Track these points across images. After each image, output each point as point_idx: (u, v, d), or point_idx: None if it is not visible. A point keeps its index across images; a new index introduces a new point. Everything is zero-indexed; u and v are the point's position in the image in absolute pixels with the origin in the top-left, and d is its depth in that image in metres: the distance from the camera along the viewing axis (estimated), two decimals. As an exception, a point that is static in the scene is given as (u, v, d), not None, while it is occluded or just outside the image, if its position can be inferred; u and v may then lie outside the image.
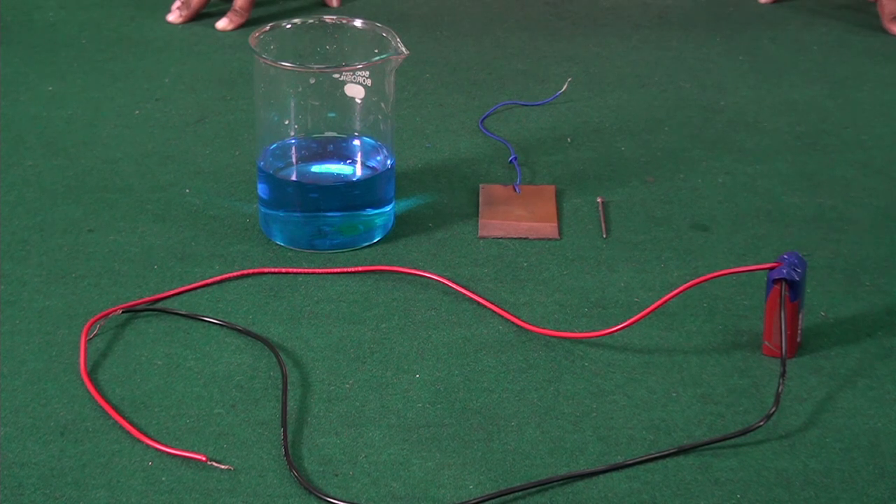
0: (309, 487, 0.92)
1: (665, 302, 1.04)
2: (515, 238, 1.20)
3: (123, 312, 1.09)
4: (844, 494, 0.92)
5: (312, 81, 1.16)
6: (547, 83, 1.47)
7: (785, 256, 1.04)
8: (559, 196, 1.26)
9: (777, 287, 1.03)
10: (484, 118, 1.40)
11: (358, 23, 1.19)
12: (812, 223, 1.23)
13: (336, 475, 0.94)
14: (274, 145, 1.19)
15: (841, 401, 1.01)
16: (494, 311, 1.10)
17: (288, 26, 1.19)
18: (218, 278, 1.14)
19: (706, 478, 0.94)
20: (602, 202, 1.25)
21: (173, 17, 1.60)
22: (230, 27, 1.57)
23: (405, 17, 1.40)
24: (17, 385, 1.02)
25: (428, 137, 1.36)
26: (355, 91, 1.16)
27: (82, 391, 1.01)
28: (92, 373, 1.03)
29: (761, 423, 0.97)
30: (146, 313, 1.10)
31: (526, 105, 1.43)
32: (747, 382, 1.03)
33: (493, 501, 0.92)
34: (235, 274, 1.14)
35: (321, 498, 0.92)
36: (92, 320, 1.07)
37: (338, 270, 1.15)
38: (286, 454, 0.95)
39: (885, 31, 1.61)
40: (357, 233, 1.18)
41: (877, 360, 1.05)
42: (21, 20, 1.62)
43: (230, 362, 1.04)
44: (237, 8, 1.58)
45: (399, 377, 1.03)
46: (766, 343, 1.05)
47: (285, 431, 0.97)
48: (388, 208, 1.20)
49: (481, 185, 1.27)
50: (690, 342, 1.07)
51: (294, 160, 1.20)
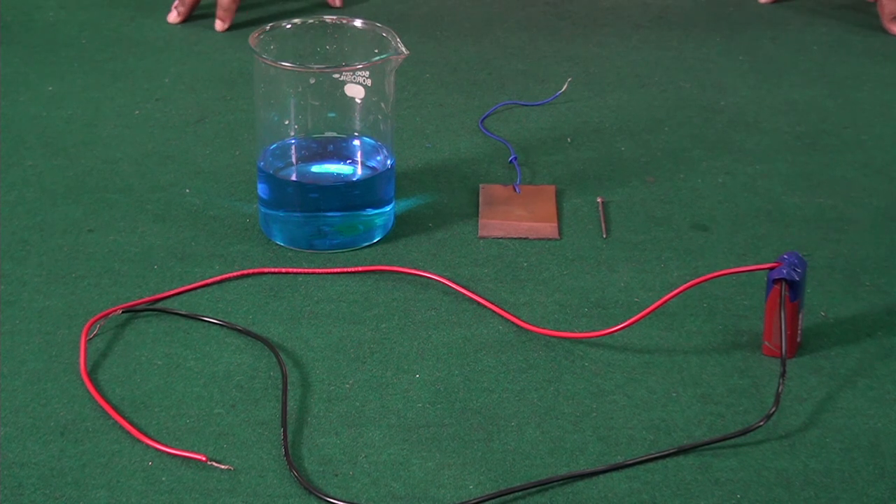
0: (309, 487, 0.92)
1: (665, 302, 1.04)
2: (515, 238, 1.20)
3: (123, 312, 1.09)
4: (844, 494, 0.92)
5: (312, 81, 1.16)
6: (547, 83, 1.47)
7: (785, 256, 1.04)
8: (559, 196, 1.26)
9: (777, 287, 1.03)
10: (484, 118, 1.40)
11: (358, 23, 1.19)
12: (812, 223, 1.23)
13: (336, 475, 0.94)
14: (274, 145, 1.19)
15: (841, 401, 1.01)
16: (494, 311, 1.10)
17: (288, 26, 1.19)
18: (218, 278, 1.14)
19: (706, 478, 0.94)
20: (602, 202, 1.25)
21: (173, 17, 1.60)
22: (226, 27, 1.57)
23: (405, 18, 1.39)
24: (17, 385, 1.02)
25: (428, 137, 1.36)
26: (355, 91, 1.16)
27: (82, 391, 1.01)
28: (92, 373, 1.03)
29: (761, 423, 0.97)
30: (146, 313, 1.10)
31: (526, 105, 1.43)
32: (747, 382, 1.03)
33: (493, 501, 0.92)
34: (235, 274, 1.14)
35: (321, 498, 0.92)
36: (92, 320, 1.07)
37: (338, 270, 1.15)
38: (286, 454, 0.95)
39: (885, 31, 1.61)
40: (357, 233, 1.18)
41: (877, 360, 1.05)
42: (21, 20, 1.62)
43: (230, 362, 1.04)
44: (223, 6, 1.58)
45: (399, 377, 1.03)
46: (766, 343, 1.05)
47: (285, 431, 0.97)
48: (388, 208, 1.20)
49: (481, 185, 1.27)
50: (690, 342, 1.07)
51: (294, 160, 1.20)
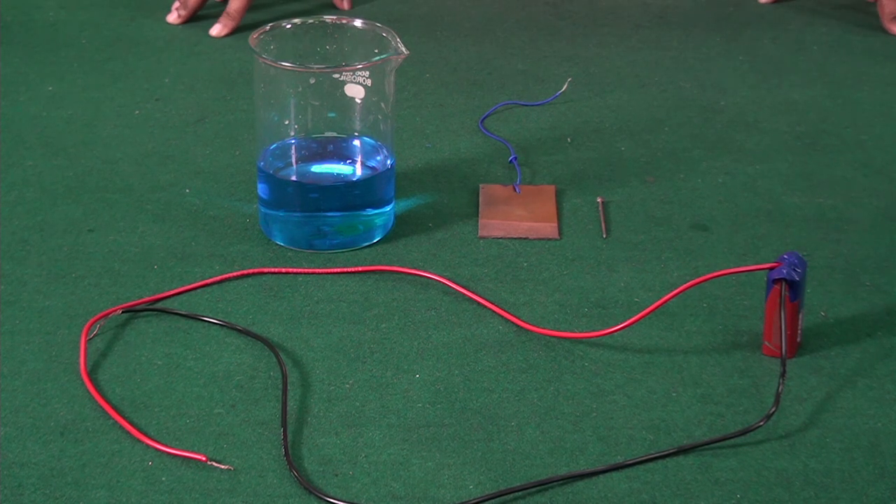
0: (309, 487, 0.92)
1: (665, 302, 1.04)
2: (515, 238, 1.20)
3: (123, 312, 1.09)
4: (844, 494, 0.92)
5: (312, 81, 1.16)
6: (547, 83, 1.47)
7: (785, 256, 1.04)
8: (559, 196, 1.26)
9: (777, 287, 1.03)
10: (484, 118, 1.40)
11: (358, 23, 1.19)
12: (812, 223, 1.23)
13: (336, 475, 0.94)
14: (274, 145, 1.19)
15: (841, 401, 1.01)
16: (494, 311, 1.10)
17: (288, 26, 1.19)
18: (218, 278, 1.14)
19: (706, 478, 0.94)
20: (602, 202, 1.25)
21: (173, 18, 1.60)
22: (224, 32, 1.57)
23: (405, 18, 1.39)
24: (17, 385, 1.02)
25: (428, 137, 1.36)
26: (355, 91, 1.16)
27: (82, 391, 1.01)
28: (92, 373, 1.03)
29: (761, 423, 0.97)
30: (146, 313, 1.10)
31: (526, 105, 1.43)
32: (747, 382, 1.03)
33: (493, 501, 0.92)
34: (235, 274, 1.14)
35: (321, 498, 0.92)
36: (92, 320, 1.07)
37: (338, 270, 1.15)
38: (286, 454, 0.95)
39: (886, 31, 1.61)
40: (357, 233, 1.18)
41: (877, 360, 1.05)
42: (21, 20, 1.62)
43: (230, 362, 1.04)
44: (230, 12, 1.58)
45: (399, 377, 1.03)
46: (766, 343, 1.05)
47: (285, 431, 0.97)
48: (388, 208, 1.20)
49: (481, 185, 1.27)
50: (690, 342, 1.07)
51: (294, 160, 1.20)
